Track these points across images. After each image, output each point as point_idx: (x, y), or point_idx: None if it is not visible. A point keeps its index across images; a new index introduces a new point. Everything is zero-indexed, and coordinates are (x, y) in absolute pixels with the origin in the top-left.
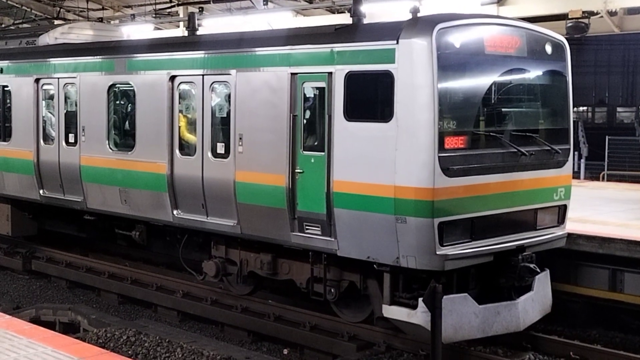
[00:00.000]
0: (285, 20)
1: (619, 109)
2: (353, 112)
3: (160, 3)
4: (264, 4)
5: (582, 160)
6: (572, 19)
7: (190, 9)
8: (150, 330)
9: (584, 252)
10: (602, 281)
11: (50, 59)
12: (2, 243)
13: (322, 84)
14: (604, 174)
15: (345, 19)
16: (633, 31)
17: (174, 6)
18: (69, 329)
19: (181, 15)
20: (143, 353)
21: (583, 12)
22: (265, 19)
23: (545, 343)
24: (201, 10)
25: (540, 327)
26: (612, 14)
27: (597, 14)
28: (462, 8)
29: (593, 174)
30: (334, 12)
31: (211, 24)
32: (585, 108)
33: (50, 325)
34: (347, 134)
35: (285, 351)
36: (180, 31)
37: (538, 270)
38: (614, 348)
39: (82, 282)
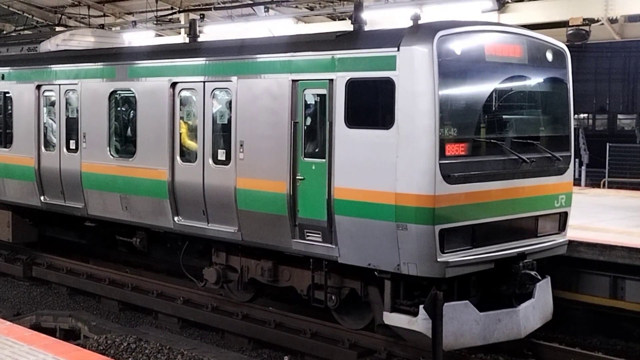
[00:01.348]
0: (286, 27)
1: (619, 116)
2: (354, 119)
3: (161, 10)
4: (265, 11)
5: (583, 168)
6: (572, 26)
7: (192, 15)
8: (151, 337)
9: (585, 260)
10: (603, 288)
11: (52, 66)
12: (2, 249)
13: (323, 91)
14: (604, 181)
15: (346, 26)
16: (634, 38)
17: (175, 13)
18: (70, 335)
19: (182, 22)
20: None
21: (584, 19)
22: (267, 26)
23: (546, 350)
24: (202, 17)
25: (541, 335)
26: (612, 21)
27: (597, 21)
28: (462, 15)
29: (594, 181)
30: (334, 19)
31: (212, 31)
32: (586, 115)
33: (50, 332)
34: (348, 141)
35: (286, 358)
36: (182, 38)
37: (539, 277)
38: (615, 355)
39: (82, 288)
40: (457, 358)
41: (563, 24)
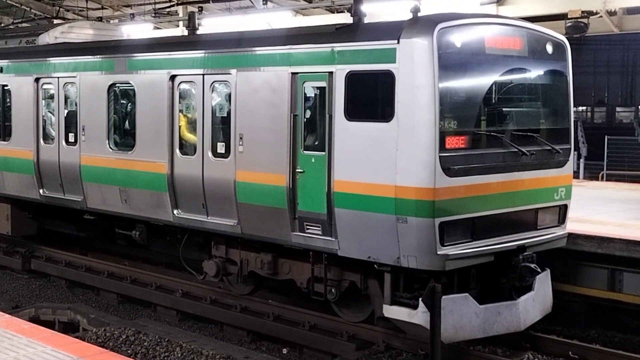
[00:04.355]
0: (284, 19)
1: (618, 109)
2: (354, 112)
3: (159, 2)
4: (263, 4)
5: (582, 160)
6: (571, 18)
7: (190, 8)
8: (150, 330)
9: (583, 252)
10: (601, 281)
11: (50, 59)
12: (1, 242)
13: (323, 84)
14: (603, 174)
15: (344, 18)
16: (632, 31)
17: (173, 5)
18: (69, 328)
19: (180, 15)
20: (142, 352)
21: (582, 12)
22: (265, 19)
23: (545, 343)
24: (200, 9)
25: (539, 327)
26: (611, 13)
27: (596, 13)
28: (461, 8)
29: (592, 174)
30: (333, 12)
31: (210, 24)
32: (584, 108)
33: (49, 325)
34: (348, 134)
35: (285, 351)
36: (180, 31)
37: (539, 270)
38: (613, 348)
39: (81, 281)
40: (455, 350)
41: (561, 17)
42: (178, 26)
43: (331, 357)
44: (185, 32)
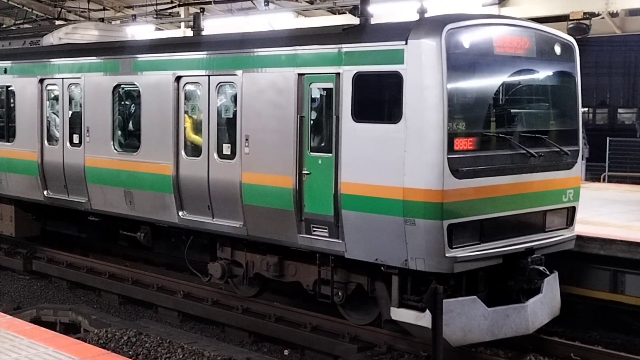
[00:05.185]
0: (286, 21)
1: (620, 110)
2: (361, 113)
3: (161, 3)
4: (265, 5)
5: (583, 162)
6: (573, 20)
7: (192, 9)
8: (151, 331)
9: (585, 254)
10: (604, 282)
11: (55, 59)
12: (3, 243)
13: (330, 85)
14: (604, 175)
15: (346, 19)
16: (634, 32)
17: (175, 7)
18: (70, 329)
19: (182, 16)
20: (144, 354)
21: (584, 13)
22: (267, 20)
23: (547, 344)
24: (202, 10)
25: (541, 329)
26: (613, 15)
27: (598, 15)
28: (463, 9)
29: (594, 175)
30: (335, 13)
31: (212, 25)
32: (586, 109)
33: (51, 326)
34: (355, 135)
35: (286, 352)
36: (182, 32)
37: (547, 272)
38: (615, 349)
39: (82, 282)
40: (458, 352)
41: (564, 18)
42: (180, 27)
43: (333, 358)
44: (187, 33)
